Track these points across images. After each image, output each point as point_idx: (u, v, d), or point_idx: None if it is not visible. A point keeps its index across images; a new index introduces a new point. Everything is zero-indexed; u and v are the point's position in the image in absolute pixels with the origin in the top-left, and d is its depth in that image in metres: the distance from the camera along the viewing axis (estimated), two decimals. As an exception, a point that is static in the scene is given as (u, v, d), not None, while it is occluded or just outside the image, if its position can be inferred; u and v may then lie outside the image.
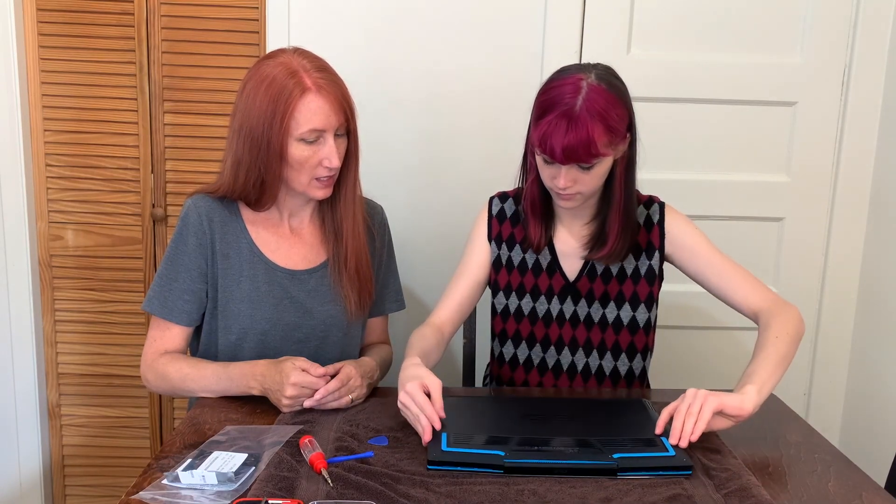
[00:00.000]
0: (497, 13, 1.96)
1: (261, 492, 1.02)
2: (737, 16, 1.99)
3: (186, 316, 1.40)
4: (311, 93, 1.31)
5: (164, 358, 1.39)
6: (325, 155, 1.34)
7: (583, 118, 1.25)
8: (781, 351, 1.29)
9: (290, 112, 1.30)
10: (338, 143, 1.36)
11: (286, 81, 1.31)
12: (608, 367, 1.49)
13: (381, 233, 1.55)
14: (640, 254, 1.47)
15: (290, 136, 1.32)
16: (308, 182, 1.37)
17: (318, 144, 1.34)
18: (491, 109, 1.99)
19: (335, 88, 1.34)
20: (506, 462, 1.09)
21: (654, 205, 1.49)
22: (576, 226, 1.47)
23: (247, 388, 1.32)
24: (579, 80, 1.28)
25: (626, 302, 1.47)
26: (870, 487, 1.09)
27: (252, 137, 1.33)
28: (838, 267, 2.11)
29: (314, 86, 1.32)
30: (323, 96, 1.32)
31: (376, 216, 1.55)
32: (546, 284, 1.48)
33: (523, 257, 1.49)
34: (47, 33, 1.95)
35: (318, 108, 1.32)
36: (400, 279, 1.61)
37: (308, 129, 1.32)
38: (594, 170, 1.31)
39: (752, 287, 1.42)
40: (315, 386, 1.27)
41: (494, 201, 1.53)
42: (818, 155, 2.07)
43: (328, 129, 1.33)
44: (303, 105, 1.31)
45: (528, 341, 1.51)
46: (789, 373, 2.18)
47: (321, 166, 1.35)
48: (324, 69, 1.35)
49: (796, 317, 1.35)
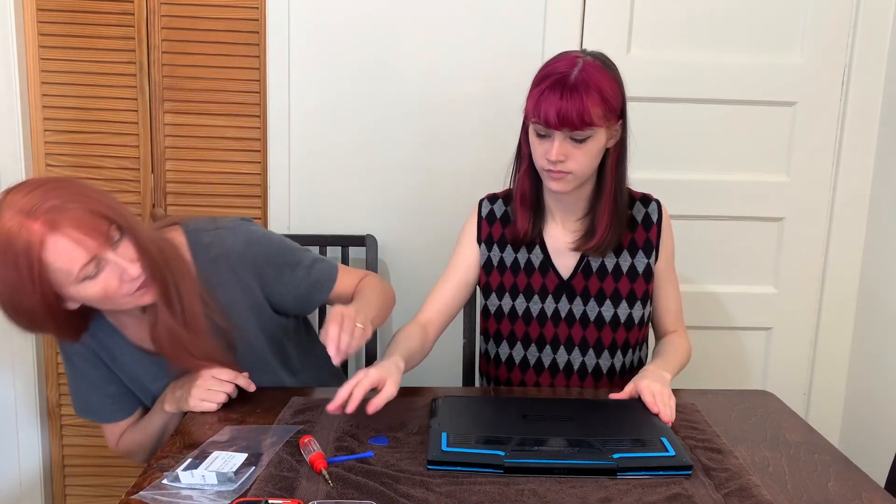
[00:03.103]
0: (497, 13, 1.96)
1: (261, 492, 1.02)
2: (737, 16, 1.99)
3: (124, 412, 1.40)
4: (49, 236, 1.09)
5: (123, 439, 1.41)
6: (120, 272, 1.15)
7: (578, 85, 1.29)
8: (680, 359, 1.48)
9: (43, 269, 1.10)
10: (122, 251, 1.16)
11: (16, 242, 1.08)
12: (605, 366, 1.49)
13: (232, 264, 1.34)
14: (637, 251, 1.47)
15: (62, 287, 1.14)
16: (128, 300, 1.20)
17: (102, 270, 1.15)
18: (490, 110, 1.99)
19: (77, 207, 1.11)
20: (506, 462, 1.09)
21: (653, 203, 1.50)
22: (569, 221, 1.47)
23: (162, 409, 1.33)
24: (575, 58, 1.34)
25: (622, 300, 1.47)
26: (870, 487, 1.09)
27: (19, 312, 1.16)
28: (838, 267, 2.11)
29: (48, 226, 1.09)
30: (65, 231, 1.10)
31: (214, 249, 1.33)
32: (539, 283, 1.48)
33: (515, 257, 1.49)
34: (47, 33, 1.95)
35: (68, 246, 1.10)
36: (309, 255, 1.45)
37: (77, 269, 1.12)
38: (586, 144, 1.32)
39: (677, 313, 1.57)
40: (227, 378, 1.28)
41: (484, 203, 1.53)
42: (818, 155, 2.07)
43: (98, 252, 1.12)
44: (50, 254, 1.10)
45: (522, 342, 1.50)
46: (790, 373, 2.21)
47: (124, 283, 1.17)
48: (52, 193, 1.11)
49: (689, 348, 1.54)
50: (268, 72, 1.97)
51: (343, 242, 1.98)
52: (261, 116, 2.01)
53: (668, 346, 1.51)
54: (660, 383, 1.30)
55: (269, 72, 1.96)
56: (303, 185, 2.02)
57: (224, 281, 1.34)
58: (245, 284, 1.36)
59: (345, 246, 1.99)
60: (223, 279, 1.34)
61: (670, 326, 1.56)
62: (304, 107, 1.99)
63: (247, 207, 2.06)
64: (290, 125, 1.99)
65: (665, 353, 1.47)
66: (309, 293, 1.44)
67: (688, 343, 1.54)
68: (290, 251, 1.42)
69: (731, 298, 2.13)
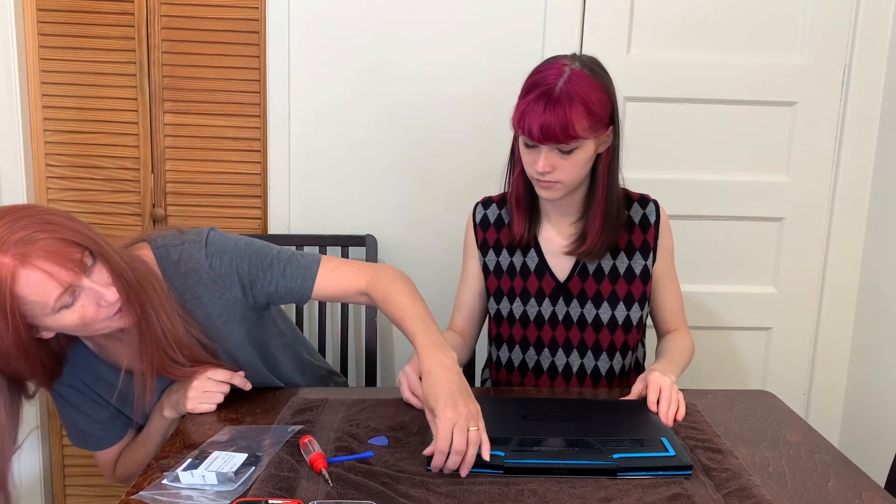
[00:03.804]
0: (497, 13, 1.96)
1: (261, 492, 1.01)
2: (737, 16, 1.99)
3: (116, 436, 1.38)
4: (21, 269, 1.05)
5: (121, 462, 1.39)
6: (97, 298, 1.12)
7: (562, 98, 1.27)
8: (685, 357, 1.48)
9: (16, 303, 1.06)
10: (96, 277, 1.12)
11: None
12: (604, 368, 1.48)
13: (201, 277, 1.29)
14: (634, 253, 1.47)
15: (37, 319, 1.10)
16: (105, 325, 1.16)
17: (78, 298, 1.11)
18: (490, 110, 1.99)
19: (46, 237, 1.07)
20: (505, 462, 1.09)
21: (650, 204, 1.49)
22: (564, 224, 1.46)
23: (161, 417, 1.32)
24: (563, 66, 1.31)
25: (619, 301, 1.46)
26: (870, 487, 1.09)
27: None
28: (838, 267, 2.11)
29: (18, 259, 1.04)
30: (36, 263, 1.05)
31: (183, 264, 1.28)
32: (536, 287, 1.48)
33: (511, 260, 1.49)
34: (47, 33, 1.95)
35: (40, 278, 1.06)
36: (285, 253, 1.39)
37: (53, 300, 1.08)
38: (574, 155, 1.31)
39: (679, 311, 1.55)
40: (223, 378, 1.28)
41: (478, 208, 1.53)
42: (818, 155, 2.07)
43: (72, 280, 1.09)
44: (23, 287, 1.06)
45: (521, 345, 1.50)
46: (790, 373, 2.21)
47: (101, 308, 1.13)
48: (19, 224, 1.07)
49: (692, 344, 1.53)
50: (268, 72, 1.97)
51: (343, 242, 1.99)
52: (261, 116, 2.01)
53: (670, 343, 1.50)
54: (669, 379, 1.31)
55: (269, 72, 1.96)
56: (303, 185, 2.02)
57: (197, 295, 1.29)
58: (220, 295, 1.30)
59: (345, 246, 1.99)
60: (196, 293, 1.29)
61: (672, 324, 1.56)
62: (304, 107, 1.99)
63: (247, 207, 2.06)
64: (290, 125, 1.99)
65: (669, 352, 1.46)
66: (288, 292, 1.36)
67: (690, 339, 1.54)
68: (260, 253, 1.35)
69: (731, 298, 2.13)
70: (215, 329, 1.31)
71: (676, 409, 1.27)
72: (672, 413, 1.26)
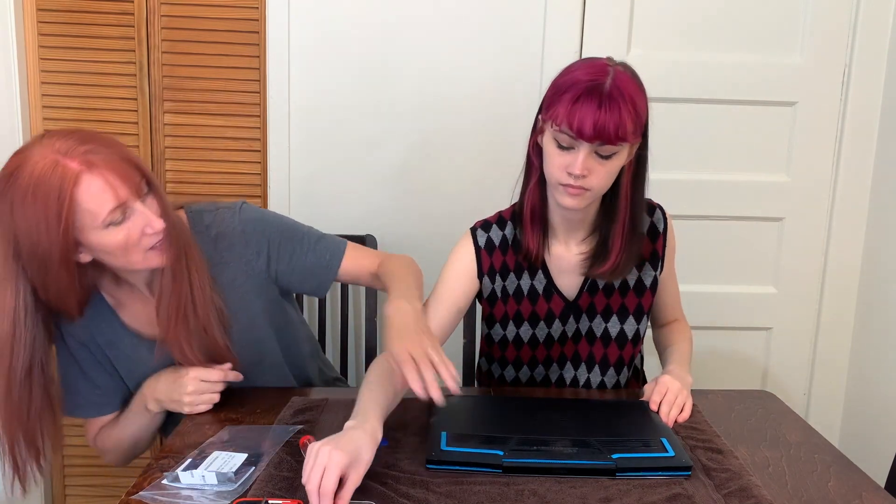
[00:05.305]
0: (497, 13, 1.96)
1: (261, 492, 1.02)
2: (737, 16, 1.99)
3: (111, 406, 1.38)
4: (86, 174, 1.10)
5: (101, 434, 1.40)
6: (144, 223, 1.16)
7: (615, 95, 1.17)
8: (690, 350, 1.49)
9: (72, 208, 1.10)
10: (149, 203, 1.18)
11: (50, 178, 1.09)
12: (610, 382, 1.46)
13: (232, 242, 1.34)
14: (644, 264, 1.41)
15: (84, 232, 1.14)
16: (142, 258, 1.20)
17: (128, 219, 1.15)
18: (490, 110, 1.99)
19: (112, 153, 1.14)
20: (504, 462, 1.09)
21: (657, 211, 1.43)
22: (573, 241, 1.38)
23: (144, 409, 1.33)
24: (606, 66, 1.22)
25: (629, 315, 1.42)
26: (870, 487, 1.09)
27: (33, 255, 1.14)
28: (838, 267, 2.11)
29: (85, 165, 1.11)
30: (101, 172, 1.11)
31: (214, 228, 1.33)
32: (545, 309, 1.40)
33: (518, 284, 1.40)
34: (47, 33, 1.95)
35: (101, 186, 1.11)
36: (315, 232, 1.44)
37: (106, 212, 1.12)
38: (611, 161, 1.22)
39: (676, 303, 1.56)
40: (217, 378, 1.29)
41: (478, 232, 1.41)
42: (818, 155, 2.07)
43: (128, 198, 1.14)
44: (83, 193, 1.10)
45: (529, 365, 1.46)
46: (790, 373, 2.21)
47: (145, 236, 1.17)
48: (88, 139, 1.14)
49: (691, 334, 1.55)
50: (268, 72, 1.97)
51: (343, 242, 1.98)
52: (261, 116, 2.01)
53: (675, 335, 1.50)
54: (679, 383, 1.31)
55: (269, 72, 1.96)
56: (303, 185, 2.02)
57: (224, 260, 1.34)
58: (247, 263, 1.35)
59: (345, 246, 1.99)
60: (223, 258, 1.34)
61: (671, 316, 1.55)
62: (304, 107, 1.99)
63: (247, 207, 2.06)
64: (290, 125, 1.99)
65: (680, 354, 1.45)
66: (316, 267, 1.41)
67: (689, 329, 1.54)
68: (292, 228, 1.42)
69: (731, 298, 2.13)
70: (236, 297, 1.34)
71: (679, 411, 1.27)
72: (674, 415, 1.26)
